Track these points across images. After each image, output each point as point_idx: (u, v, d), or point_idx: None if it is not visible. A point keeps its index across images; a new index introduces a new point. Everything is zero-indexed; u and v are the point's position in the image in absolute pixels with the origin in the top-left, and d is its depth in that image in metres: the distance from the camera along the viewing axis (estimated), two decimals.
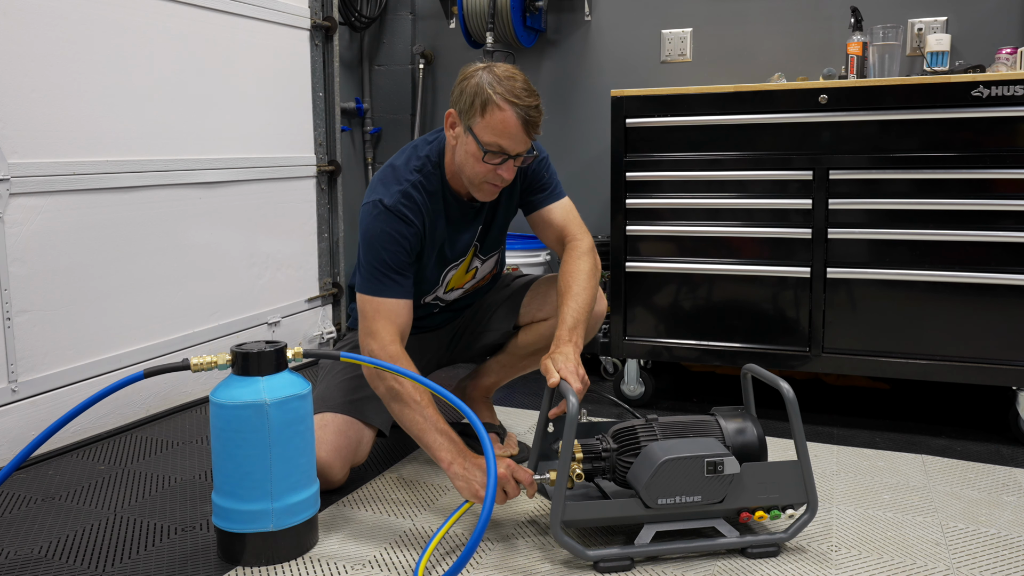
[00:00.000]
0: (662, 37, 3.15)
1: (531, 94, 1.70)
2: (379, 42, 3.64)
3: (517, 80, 1.70)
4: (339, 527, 1.74)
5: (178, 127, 2.59)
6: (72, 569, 1.59)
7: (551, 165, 1.98)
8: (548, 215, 1.95)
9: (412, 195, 1.79)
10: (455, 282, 2.03)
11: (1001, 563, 1.58)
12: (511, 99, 1.67)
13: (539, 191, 1.97)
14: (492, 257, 2.08)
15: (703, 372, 2.97)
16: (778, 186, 2.38)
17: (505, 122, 1.67)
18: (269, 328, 2.99)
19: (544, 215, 1.96)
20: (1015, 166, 2.16)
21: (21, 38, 2.11)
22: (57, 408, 2.21)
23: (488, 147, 1.70)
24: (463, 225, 1.92)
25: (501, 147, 1.70)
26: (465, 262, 2.02)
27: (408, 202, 1.78)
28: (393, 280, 1.76)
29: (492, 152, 1.70)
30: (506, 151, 1.71)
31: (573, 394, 1.55)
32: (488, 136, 1.69)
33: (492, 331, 2.14)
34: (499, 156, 1.71)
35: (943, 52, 2.61)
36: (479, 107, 1.68)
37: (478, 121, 1.69)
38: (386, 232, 1.76)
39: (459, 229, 1.92)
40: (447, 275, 2.00)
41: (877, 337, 2.32)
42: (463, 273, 2.03)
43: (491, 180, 1.75)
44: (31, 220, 2.15)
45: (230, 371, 1.59)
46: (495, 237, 2.03)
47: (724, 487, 1.57)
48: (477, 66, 1.74)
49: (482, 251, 2.03)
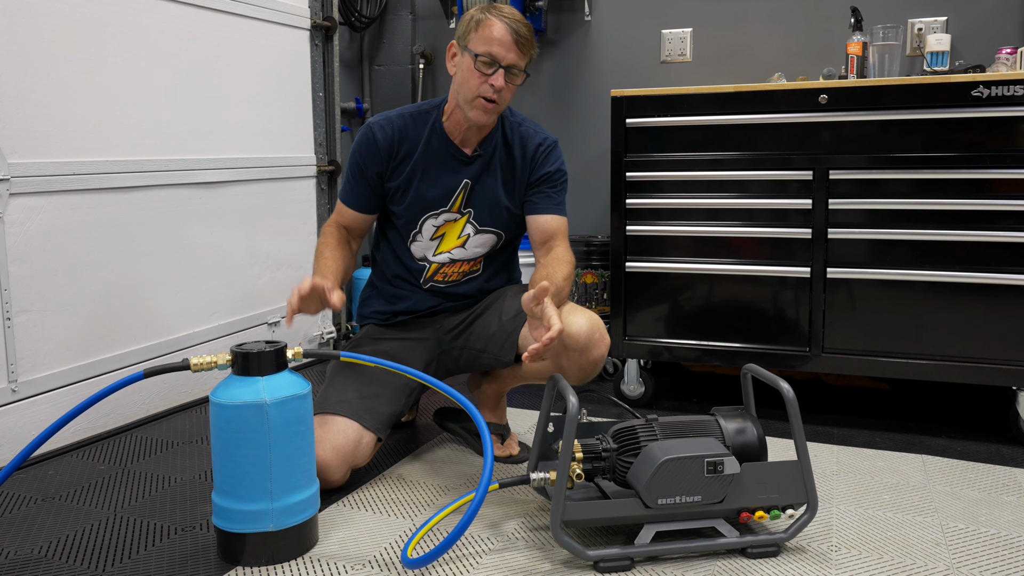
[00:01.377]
0: (662, 37, 3.15)
1: (521, 17, 1.91)
2: (379, 42, 3.64)
3: (509, 8, 1.93)
4: (339, 527, 1.74)
5: (178, 127, 2.59)
6: (72, 569, 1.59)
7: (566, 184, 2.09)
8: (546, 222, 2.04)
9: (392, 119, 2.01)
10: (446, 244, 2.06)
11: (1001, 563, 1.58)
12: (502, 16, 1.89)
13: (547, 192, 2.04)
14: (488, 234, 2.07)
15: (703, 372, 2.97)
16: (778, 186, 2.38)
17: (495, 31, 1.87)
18: (269, 328, 2.99)
19: (541, 220, 2.04)
20: (1015, 166, 2.16)
21: (21, 38, 2.11)
22: (57, 408, 2.21)
23: (480, 55, 1.87)
24: (445, 166, 2.02)
25: (491, 54, 1.87)
26: (457, 224, 2.04)
27: (384, 122, 2.00)
28: (348, 187, 2.05)
29: (484, 61, 1.87)
30: (496, 58, 1.87)
31: (573, 394, 1.55)
32: (480, 46, 1.88)
33: (489, 356, 2.07)
34: (491, 65, 1.87)
35: (943, 52, 2.61)
36: (474, 26, 1.90)
37: (472, 37, 1.89)
38: (357, 141, 2.01)
39: (441, 169, 2.02)
40: (438, 229, 2.04)
41: (877, 337, 2.32)
42: (455, 236, 2.05)
43: (484, 93, 1.89)
44: (31, 220, 2.15)
45: (230, 371, 1.59)
46: (491, 207, 2.04)
47: (724, 487, 1.57)
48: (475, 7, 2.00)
49: (476, 218, 2.04)
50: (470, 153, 2.02)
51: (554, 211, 2.04)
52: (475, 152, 2.02)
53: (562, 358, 1.90)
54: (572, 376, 1.93)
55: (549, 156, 2.05)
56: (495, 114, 1.94)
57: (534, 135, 2.06)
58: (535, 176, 2.04)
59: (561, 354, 1.89)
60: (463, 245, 2.07)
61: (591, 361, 1.90)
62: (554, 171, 2.04)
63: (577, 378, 1.93)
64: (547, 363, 1.95)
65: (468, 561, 1.59)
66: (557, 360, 1.91)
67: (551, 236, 2.02)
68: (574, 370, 1.91)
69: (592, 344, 1.88)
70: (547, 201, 2.04)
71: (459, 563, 1.58)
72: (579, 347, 1.87)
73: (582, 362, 1.89)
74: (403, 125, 1.99)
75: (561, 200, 2.06)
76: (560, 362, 1.91)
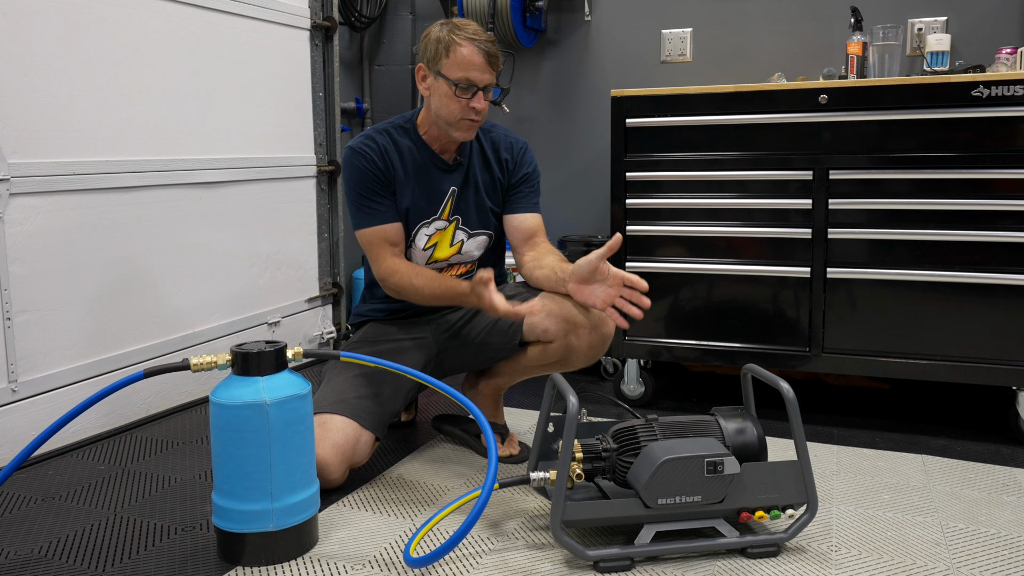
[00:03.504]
0: (662, 37, 3.15)
1: (485, 33, 1.93)
2: (379, 42, 3.64)
3: (471, 25, 1.94)
4: (339, 527, 1.74)
5: (178, 127, 2.59)
6: (72, 569, 1.59)
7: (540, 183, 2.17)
8: (527, 220, 2.11)
9: (374, 137, 2.02)
10: (440, 253, 2.09)
11: (1001, 563, 1.58)
12: (470, 37, 1.90)
13: (525, 192, 2.11)
14: (479, 237, 2.12)
15: (703, 372, 2.97)
16: (778, 186, 2.38)
17: (467, 55, 1.89)
18: (269, 328, 2.99)
19: (522, 219, 2.11)
20: (1015, 166, 2.16)
21: (21, 38, 2.11)
22: (57, 408, 2.21)
23: (459, 82, 1.89)
24: (431, 175, 2.05)
25: (469, 79, 1.89)
26: (447, 231, 2.07)
27: (369, 142, 2.01)
28: (371, 208, 1.99)
29: (463, 87, 1.90)
30: (474, 83, 1.90)
31: (573, 394, 1.55)
32: (456, 73, 1.89)
33: (494, 344, 2.08)
34: (469, 89, 1.90)
35: (943, 52, 2.61)
36: (443, 51, 1.91)
37: (445, 63, 1.91)
38: (352, 166, 2.00)
39: (427, 178, 2.05)
40: (429, 239, 2.06)
41: (877, 337, 2.32)
42: (447, 245, 2.09)
43: (466, 115, 1.93)
44: (31, 220, 2.15)
45: (230, 371, 1.59)
46: (477, 209, 2.09)
47: (724, 487, 1.57)
48: (435, 24, 1.97)
49: (466, 224, 2.09)
50: (451, 161, 2.06)
51: (532, 210, 2.12)
52: (455, 160, 2.06)
53: (572, 336, 1.96)
54: (582, 355, 1.99)
55: (524, 158, 2.13)
56: (478, 127, 2.00)
57: (505, 139, 2.13)
58: (515, 178, 2.11)
59: (571, 332, 1.95)
60: (459, 251, 2.11)
61: (601, 337, 1.97)
62: (531, 172, 2.13)
63: (587, 357, 2.00)
64: (555, 345, 1.99)
65: (468, 561, 1.59)
66: (567, 340, 1.97)
67: (533, 233, 2.10)
68: (584, 348, 1.97)
69: (601, 320, 1.95)
70: (526, 201, 2.11)
71: (459, 563, 1.58)
72: (590, 323, 1.94)
73: (593, 339, 1.96)
74: (384, 141, 2.02)
75: (537, 200, 2.15)
76: (570, 341, 1.97)
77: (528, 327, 2.01)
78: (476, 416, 1.63)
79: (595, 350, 1.99)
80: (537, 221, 2.12)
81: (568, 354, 1.99)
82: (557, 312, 1.95)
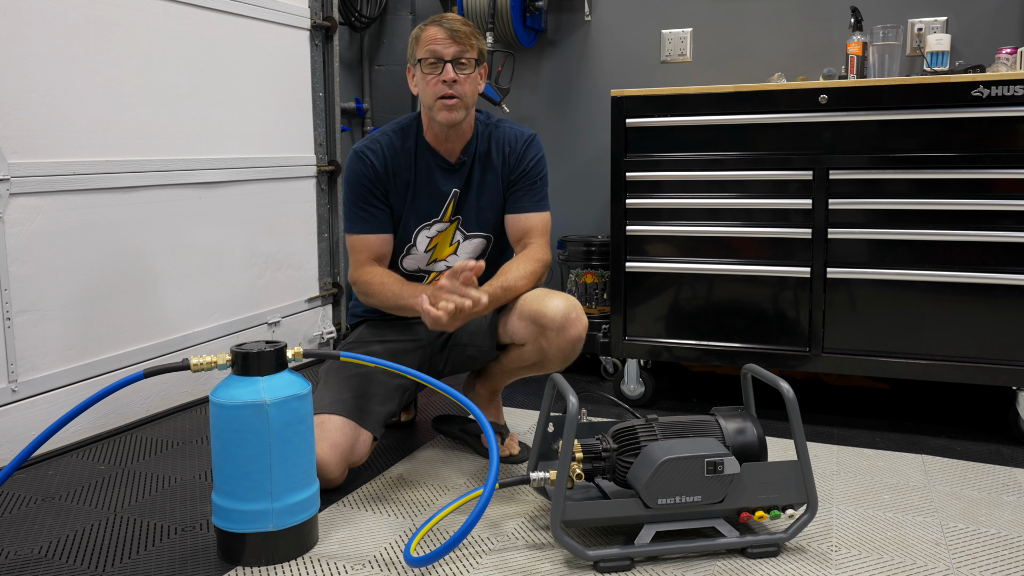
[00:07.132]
0: (662, 37, 3.15)
1: (458, 17, 1.96)
2: (379, 42, 3.64)
3: (449, 13, 1.99)
4: (339, 527, 1.74)
5: (178, 127, 2.59)
6: (72, 569, 1.59)
7: (547, 177, 2.13)
8: (521, 220, 2.07)
9: (379, 140, 2.03)
10: (440, 253, 2.10)
11: (1001, 563, 1.58)
12: (435, 21, 1.95)
13: (524, 189, 2.07)
14: (475, 240, 2.11)
15: (703, 372, 2.97)
16: (778, 186, 2.38)
17: (429, 34, 1.93)
18: (269, 328, 2.99)
19: (516, 219, 2.08)
20: (1015, 166, 2.16)
21: (21, 38, 2.11)
22: (57, 408, 2.21)
23: (423, 59, 1.93)
24: (434, 177, 2.04)
25: (431, 52, 1.92)
26: (447, 232, 2.07)
27: (373, 145, 2.02)
28: (362, 216, 2.02)
29: (429, 63, 1.92)
30: (439, 55, 1.91)
31: (573, 394, 1.55)
32: (422, 52, 1.94)
33: (474, 348, 2.11)
34: (437, 64, 1.92)
35: (943, 52, 2.61)
36: (414, 42, 1.97)
37: (415, 50, 1.96)
38: (353, 170, 2.02)
39: (431, 180, 2.04)
40: (431, 240, 2.07)
41: (877, 337, 2.32)
42: (447, 245, 2.09)
43: (440, 92, 1.92)
44: (31, 220, 2.15)
45: (230, 371, 1.59)
46: (477, 212, 2.08)
47: (724, 487, 1.57)
48: None
49: (464, 225, 2.08)
50: (454, 161, 2.05)
51: (532, 208, 2.08)
52: (459, 160, 2.05)
53: (541, 340, 1.95)
54: (555, 360, 1.98)
55: (526, 152, 2.08)
56: (462, 110, 1.95)
57: (510, 133, 2.10)
58: (514, 174, 2.08)
59: (540, 336, 1.95)
60: (456, 252, 2.11)
61: (569, 340, 1.94)
62: (530, 169, 2.08)
63: (560, 360, 1.98)
64: (528, 348, 2.00)
65: (468, 561, 1.59)
66: (537, 343, 1.96)
67: (525, 233, 2.07)
68: (554, 351, 1.96)
69: (569, 323, 1.92)
70: (524, 199, 2.07)
71: (459, 563, 1.58)
72: (556, 327, 1.92)
73: (561, 342, 1.93)
74: (389, 143, 2.03)
75: (541, 196, 2.09)
76: (540, 344, 1.96)
77: (502, 331, 2.05)
78: (476, 416, 1.64)
79: (565, 352, 1.96)
80: (531, 221, 2.07)
81: (542, 356, 1.99)
82: (528, 315, 1.96)
